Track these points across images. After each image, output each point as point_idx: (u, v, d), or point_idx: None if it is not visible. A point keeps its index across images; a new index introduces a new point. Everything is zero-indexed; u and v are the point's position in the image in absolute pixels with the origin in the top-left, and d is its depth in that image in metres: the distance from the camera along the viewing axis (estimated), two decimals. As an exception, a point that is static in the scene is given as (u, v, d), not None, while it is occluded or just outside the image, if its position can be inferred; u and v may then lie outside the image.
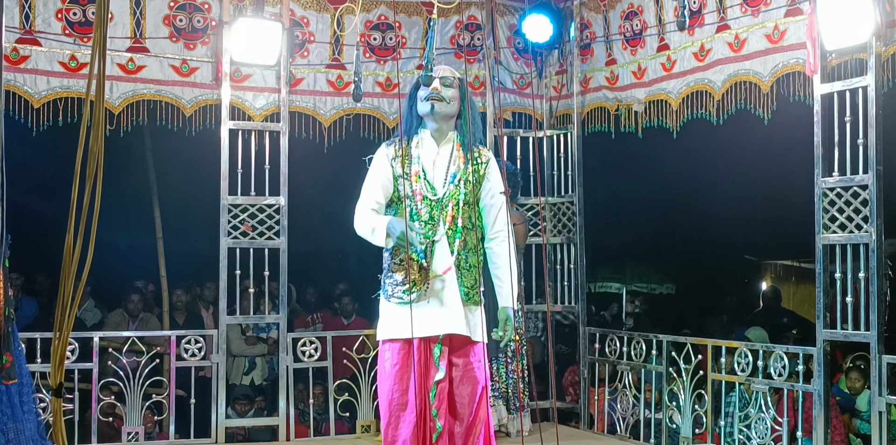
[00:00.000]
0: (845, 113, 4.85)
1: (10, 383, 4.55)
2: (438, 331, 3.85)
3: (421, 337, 3.82)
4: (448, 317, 3.86)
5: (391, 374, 3.86)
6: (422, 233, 3.76)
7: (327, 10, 6.44)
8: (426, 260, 3.84)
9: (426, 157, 3.93)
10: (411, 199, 3.86)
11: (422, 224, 3.84)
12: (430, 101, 3.88)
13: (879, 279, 4.69)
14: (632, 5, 6.24)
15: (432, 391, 3.84)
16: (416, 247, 3.77)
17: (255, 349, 7.80)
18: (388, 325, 3.90)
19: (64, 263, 2.73)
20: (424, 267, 3.84)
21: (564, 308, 6.92)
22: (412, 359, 3.83)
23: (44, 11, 5.73)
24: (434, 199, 3.88)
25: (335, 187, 9.16)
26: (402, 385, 3.84)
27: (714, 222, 10.64)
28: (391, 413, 3.84)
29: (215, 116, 6.14)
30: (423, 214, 3.86)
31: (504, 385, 6.12)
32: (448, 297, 3.87)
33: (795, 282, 12.94)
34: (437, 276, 3.85)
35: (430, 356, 3.86)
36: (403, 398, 3.83)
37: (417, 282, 3.82)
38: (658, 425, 6.13)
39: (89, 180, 2.48)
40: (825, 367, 4.97)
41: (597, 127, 6.63)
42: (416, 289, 3.82)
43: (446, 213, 3.88)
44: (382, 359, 3.92)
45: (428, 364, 3.85)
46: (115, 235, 7.07)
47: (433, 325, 3.84)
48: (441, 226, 3.88)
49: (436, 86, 3.89)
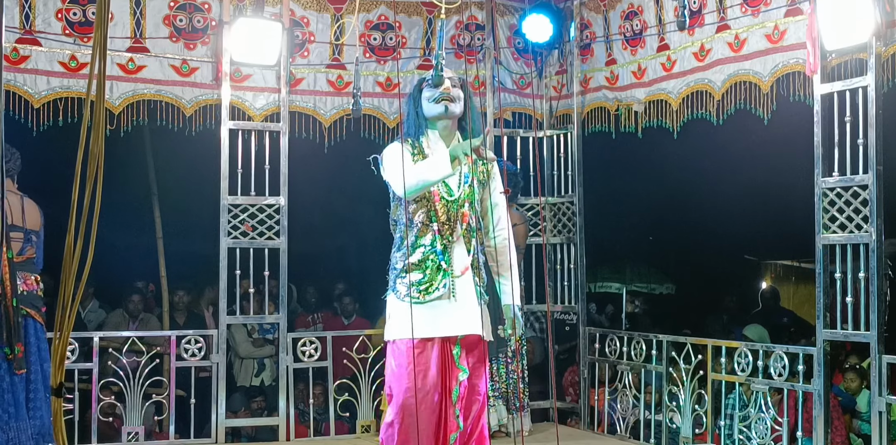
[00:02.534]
0: (845, 113, 4.85)
1: (21, 372, 4.56)
2: (459, 331, 3.85)
3: (442, 337, 3.81)
4: (466, 317, 3.86)
5: (406, 374, 3.79)
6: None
7: (327, 10, 6.44)
8: (444, 261, 3.83)
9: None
10: (429, 200, 3.84)
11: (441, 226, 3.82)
12: (442, 102, 3.87)
13: (879, 279, 4.69)
14: (632, 5, 6.24)
15: (455, 391, 3.83)
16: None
17: (263, 351, 7.81)
18: (403, 325, 3.79)
19: (64, 263, 2.73)
20: (444, 268, 3.83)
21: (564, 308, 6.92)
22: (433, 359, 3.80)
23: (44, 11, 5.73)
24: (451, 200, 3.88)
25: (335, 187, 9.19)
26: (423, 385, 3.78)
27: (714, 222, 10.64)
28: (404, 412, 3.78)
29: (215, 116, 6.14)
30: (441, 215, 3.86)
31: (504, 385, 6.12)
32: (466, 297, 3.87)
33: (795, 282, 12.95)
34: (456, 277, 3.85)
35: (451, 356, 3.85)
36: (426, 398, 3.79)
37: (436, 282, 3.81)
38: (658, 425, 6.13)
39: (89, 181, 2.48)
40: (825, 367, 4.97)
41: (597, 127, 6.63)
42: (436, 289, 3.80)
43: (461, 214, 3.89)
44: (397, 358, 3.85)
45: (449, 364, 3.84)
46: (115, 235, 7.05)
47: (454, 325, 3.83)
48: (458, 227, 3.88)
49: (447, 86, 3.88)
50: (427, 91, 3.91)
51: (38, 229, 5.05)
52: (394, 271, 3.93)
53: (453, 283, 3.83)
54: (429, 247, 3.81)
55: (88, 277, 2.85)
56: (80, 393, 5.95)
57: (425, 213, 3.84)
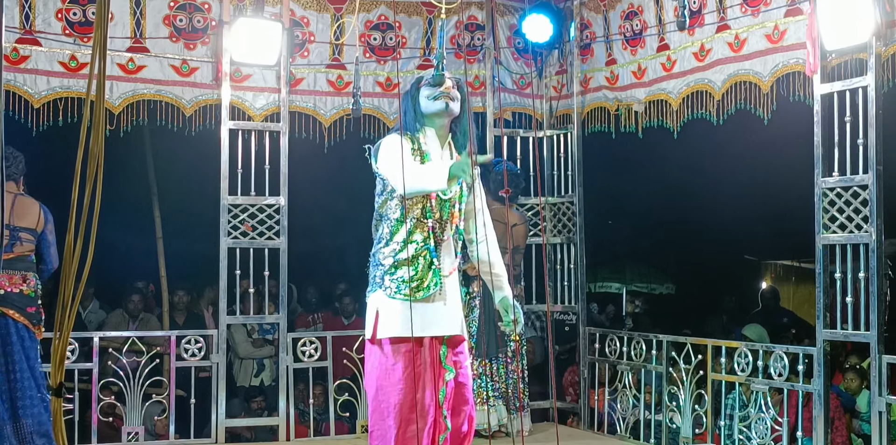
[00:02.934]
0: (845, 113, 4.84)
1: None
2: (449, 331, 3.83)
3: (431, 337, 3.79)
4: (454, 317, 3.85)
5: (400, 374, 3.73)
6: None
7: (327, 10, 6.44)
8: (436, 258, 3.82)
9: (434, 156, 3.88)
10: (425, 197, 3.82)
11: (436, 224, 3.80)
12: (443, 99, 3.86)
13: (879, 279, 4.69)
14: (632, 5, 6.24)
15: (442, 391, 3.81)
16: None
17: (263, 352, 7.81)
18: (392, 323, 3.76)
19: (64, 263, 2.73)
20: (435, 265, 3.81)
21: (564, 308, 6.92)
22: (422, 359, 3.74)
23: (44, 11, 5.72)
24: (445, 199, 3.86)
25: (335, 187, 9.19)
26: (413, 385, 3.71)
27: (714, 222, 10.65)
28: (401, 414, 3.72)
29: (215, 116, 6.13)
30: (436, 213, 3.84)
31: (504, 385, 6.12)
32: (454, 297, 3.86)
33: (795, 282, 12.96)
34: (444, 276, 3.84)
35: (438, 357, 3.83)
36: (415, 398, 3.72)
37: (427, 280, 3.79)
38: (658, 425, 6.13)
39: (89, 181, 2.48)
40: (825, 367, 4.97)
41: (597, 127, 6.63)
42: (427, 287, 3.79)
43: (451, 214, 3.88)
44: (384, 358, 3.78)
45: (436, 364, 3.82)
46: (115, 235, 7.07)
47: (444, 324, 3.81)
48: (449, 227, 3.88)
49: (448, 86, 3.87)
50: (427, 89, 3.88)
51: (33, 227, 5.02)
52: (380, 268, 3.84)
53: (443, 283, 3.83)
54: (421, 244, 3.79)
55: (88, 277, 2.85)
56: (80, 393, 5.95)
57: (420, 209, 3.82)
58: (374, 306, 3.87)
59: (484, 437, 5.87)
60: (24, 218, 5.01)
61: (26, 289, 4.93)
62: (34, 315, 4.92)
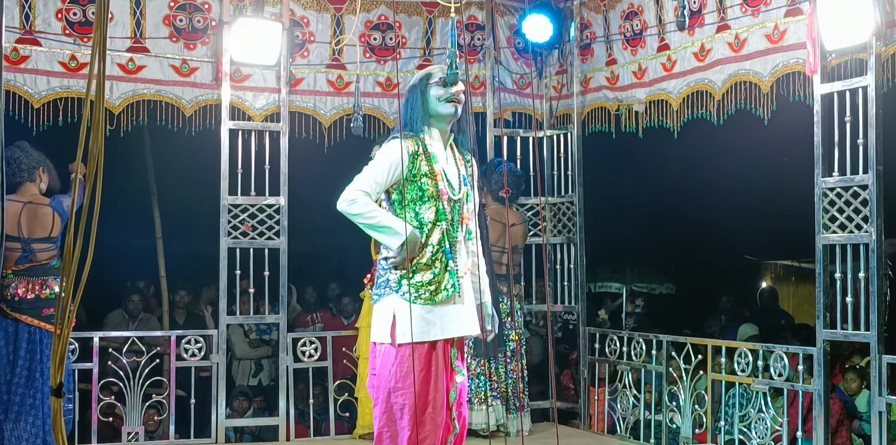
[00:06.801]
0: (845, 113, 4.85)
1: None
2: (465, 332, 3.81)
3: (445, 339, 3.77)
4: (470, 318, 3.84)
5: (417, 376, 3.67)
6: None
7: (327, 10, 6.44)
8: (452, 260, 3.80)
9: (440, 158, 3.84)
10: (437, 199, 3.79)
11: (449, 225, 3.79)
12: (453, 103, 3.83)
13: (879, 279, 4.69)
14: (632, 5, 6.24)
15: (452, 393, 3.79)
16: (447, 252, 3.74)
17: (259, 352, 7.80)
18: (414, 327, 3.67)
19: (64, 263, 2.73)
20: (451, 268, 3.80)
21: (565, 308, 6.92)
22: (435, 361, 3.73)
23: (44, 11, 5.73)
24: (455, 199, 3.85)
25: (335, 187, 9.14)
26: (427, 388, 3.69)
27: (714, 222, 10.64)
28: (415, 416, 3.68)
29: (215, 116, 6.13)
30: (448, 214, 3.82)
31: (504, 385, 6.12)
32: (468, 298, 3.85)
33: (795, 282, 12.95)
34: (460, 277, 3.82)
35: (448, 358, 3.81)
36: (433, 400, 3.71)
37: (444, 283, 3.77)
38: (658, 425, 6.13)
39: (89, 181, 2.48)
40: (825, 367, 4.97)
41: (597, 127, 6.63)
42: (444, 290, 3.76)
43: (462, 215, 3.87)
44: (401, 361, 3.70)
45: (448, 366, 3.80)
46: (115, 235, 7.06)
47: (461, 326, 3.78)
48: (461, 227, 3.87)
49: (460, 89, 3.84)
50: (439, 89, 3.81)
51: (47, 235, 5.02)
52: (394, 272, 3.78)
53: (459, 284, 3.81)
54: (437, 246, 3.77)
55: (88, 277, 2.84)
56: (80, 393, 5.94)
57: (434, 212, 3.79)
58: (389, 310, 3.78)
59: (483, 437, 5.88)
60: (36, 228, 5.00)
61: (44, 293, 4.93)
62: (53, 316, 4.92)
